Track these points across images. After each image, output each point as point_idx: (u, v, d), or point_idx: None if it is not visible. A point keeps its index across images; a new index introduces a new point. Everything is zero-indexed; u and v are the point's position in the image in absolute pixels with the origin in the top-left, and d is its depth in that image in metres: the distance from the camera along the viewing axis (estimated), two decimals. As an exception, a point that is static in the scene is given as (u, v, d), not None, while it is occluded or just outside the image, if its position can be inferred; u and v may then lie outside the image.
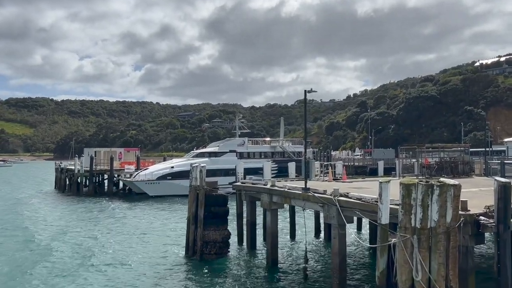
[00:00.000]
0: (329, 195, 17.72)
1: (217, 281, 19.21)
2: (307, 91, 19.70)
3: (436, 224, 11.60)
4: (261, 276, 19.98)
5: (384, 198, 12.64)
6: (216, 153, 57.81)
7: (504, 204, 12.66)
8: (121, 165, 60.41)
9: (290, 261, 22.22)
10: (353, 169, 69.82)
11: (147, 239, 28.21)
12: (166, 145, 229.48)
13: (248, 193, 23.88)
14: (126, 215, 39.47)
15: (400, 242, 11.85)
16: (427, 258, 11.65)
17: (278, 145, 65.33)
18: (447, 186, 11.61)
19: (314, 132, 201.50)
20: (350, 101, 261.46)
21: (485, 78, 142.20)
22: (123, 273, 20.59)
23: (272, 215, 21.56)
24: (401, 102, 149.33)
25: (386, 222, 12.69)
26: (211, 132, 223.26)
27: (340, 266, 17.20)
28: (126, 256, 23.81)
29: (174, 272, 20.61)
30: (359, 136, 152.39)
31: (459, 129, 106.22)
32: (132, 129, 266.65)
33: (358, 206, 16.07)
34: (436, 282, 11.47)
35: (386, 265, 12.47)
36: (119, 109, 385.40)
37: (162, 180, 52.28)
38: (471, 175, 31.26)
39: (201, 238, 22.49)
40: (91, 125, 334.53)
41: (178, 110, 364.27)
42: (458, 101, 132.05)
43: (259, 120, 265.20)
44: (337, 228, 17.20)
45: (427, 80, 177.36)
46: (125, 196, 54.62)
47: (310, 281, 18.79)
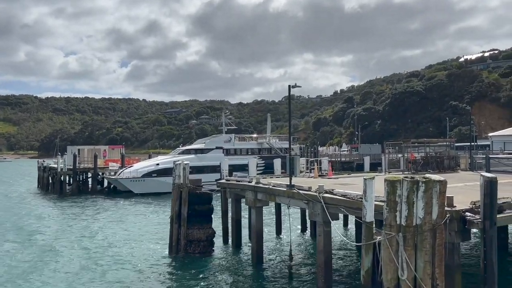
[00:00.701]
0: (313, 192, 17.41)
1: (200, 280, 18.79)
2: (291, 86, 19.32)
3: (421, 221, 11.32)
4: (246, 274, 19.61)
5: (369, 195, 12.34)
6: (202, 150, 57.25)
7: (490, 200, 12.44)
8: (105, 163, 59.50)
9: (276, 259, 21.89)
10: (340, 165, 69.99)
11: (130, 238, 27.67)
12: (153, 142, 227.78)
13: (232, 191, 23.47)
14: (109, 214, 38.80)
15: (385, 240, 11.55)
16: (412, 256, 11.37)
17: (265, 142, 64.97)
18: (433, 182, 11.33)
19: (301, 128, 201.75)
20: (337, 97, 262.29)
21: (470, 73, 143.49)
22: (105, 273, 20.07)
23: (257, 213, 21.18)
24: (387, 97, 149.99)
25: (371, 219, 12.39)
26: (199, 129, 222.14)
27: (325, 264, 16.91)
28: (107, 255, 23.29)
29: (157, 272, 20.12)
30: (346, 132, 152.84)
31: (444, 124, 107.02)
32: (118, 126, 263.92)
33: (343, 203, 15.78)
34: (422, 281, 11.20)
35: (371, 264, 12.19)
36: (105, 106, 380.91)
37: (147, 178, 51.62)
38: (456, 170, 31.25)
39: (185, 237, 22.06)
40: (77, 122, 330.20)
41: (165, 107, 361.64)
42: (443, 96, 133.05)
43: (246, 117, 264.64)
44: (322, 225, 16.90)
45: (413, 76, 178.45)
46: (110, 194, 53.77)
47: (295, 279, 18.48)
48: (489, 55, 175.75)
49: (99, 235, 28.97)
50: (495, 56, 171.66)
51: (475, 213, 13.10)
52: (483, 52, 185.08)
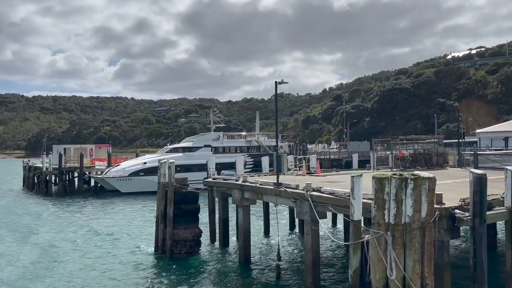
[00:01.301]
0: (301, 190, 17.09)
1: (186, 281, 18.38)
2: (277, 82, 18.96)
3: (410, 219, 11.03)
4: (233, 275, 19.23)
5: (356, 193, 12.03)
6: (190, 148, 56.71)
7: (480, 197, 12.20)
8: (91, 162, 58.66)
9: (264, 258, 21.53)
10: (329, 162, 69.92)
11: (116, 238, 27.14)
12: (141, 141, 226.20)
13: (219, 189, 23.06)
14: (94, 213, 38.17)
15: (373, 239, 11.25)
16: (401, 255, 11.08)
17: (254, 139, 64.62)
18: (422, 179, 11.04)
19: (290, 126, 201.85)
20: (326, 94, 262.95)
21: (457, 70, 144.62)
22: (89, 274, 19.55)
23: (244, 212, 20.82)
24: (376, 95, 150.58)
25: (358, 218, 12.08)
26: (188, 127, 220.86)
27: (313, 263, 16.62)
28: (92, 256, 22.77)
29: (142, 273, 19.65)
30: (335, 129, 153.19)
31: (432, 121, 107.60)
32: (106, 125, 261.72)
33: (331, 201, 15.47)
34: (411, 281, 10.92)
35: (359, 264, 11.87)
36: (93, 104, 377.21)
37: (134, 177, 50.95)
38: (445, 167, 31.19)
39: (171, 237, 21.58)
40: (64, 121, 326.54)
41: (153, 105, 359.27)
42: (431, 93, 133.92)
43: (236, 115, 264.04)
44: (309, 224, 16.60)
45: (401, 73, 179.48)
46: (97, 194, 53.02)
47: (283, 279, 18.15)
48: (476, 53, 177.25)
49: (83, 235, 28.39)
50: (482, 54, 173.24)
51: (465, 210, 12.87)
52: (470, 50, 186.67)
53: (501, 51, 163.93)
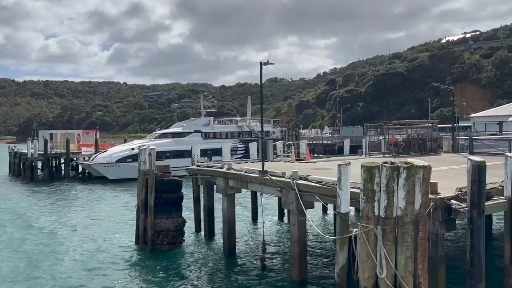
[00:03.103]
0: (287, 179, 16.04)
1: (166, 274, 17.39)
2: (262, 63, 17.75)
3: (403, 212, 9.99)
4: (216, 266, 18.27)
5: (344, 183, 10.96)
6: (180, 133, 55.47)
7: (478, 187, 11.17)
8: (79, 148, 57.25)
9: (250, 249, 20.56)
10: (321, 148, 68.98)
11: (97, 228, 26.04)
12: (134, 126, 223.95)
13: (204, 177, 21.95)
14: (78, 201, 37.03)
15: (361, 233, 10.22)
16: (392, 251, 10.07)
17: (245, 125, 63.38)
18: (416, 168, 9.98)
19: (284, 111, 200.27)
20: (320, 79, 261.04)
21: (452, 54, 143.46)
22: (64, 267, 18.48)
23: (228, 201, 19.76)
24: (370, 79, 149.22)
25: (346, 210, 11.02)
26: (180, 112, 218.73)
27: (300, 256, 15.70)
28: (71, 246, 21.70)
29: (121, 265, 18.61)
30: (329, 114, 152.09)
31: (426, 105, 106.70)
32: (98, 110, 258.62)
33: (318, 191, 14.44)
34: (403, 279, 9.93)
35: (346, 260, 10.86)
36: (85, 89, 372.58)
37: (122, 163, 49.65)
38: (439, 152, 30.28)
39: (152, 227, 20.52)
40: (56, 106, 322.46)
41: (146, 90, 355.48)
42: (426, 77, 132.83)
43: (229, 100, 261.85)
44: (296, 214, 15.60)
45: (395, 57, 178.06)
46: (84, 180, 51.82)
47: (268, 271, 17.19)
48: (470, 37, 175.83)
49: (64, 224, 27.28)
50: (477, 38, 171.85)
51: (461, 200, 11.86)
52: (465, 34, 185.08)
53: (496, 35, 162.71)
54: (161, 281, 16.59)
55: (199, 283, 16.29)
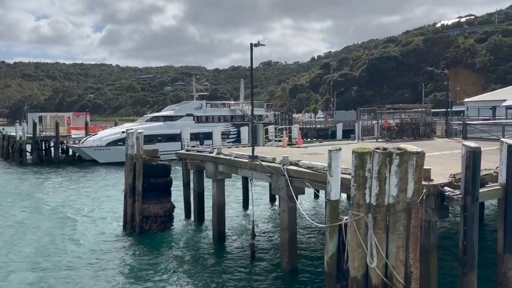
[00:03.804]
0: (277, 164, 15.63)
1: (154, 259, 17.07)
2: (253, 44, 17.17)
3: (395, 200, 9.64)
4: (205, 253, 17.95)
5: (334, 169, 10.55)
6: (171, 117, 54.80)
7: (472, 173, 10.83)
8: (68, 131, 56.43)
9: (240, 236, 20.24)
10: (314, 132, 68.62)
11: (84, 213, 25.55)
12: (126, 109, 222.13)
13: (193, 162, 21.49)
14: (66, 185, 36.48)
15: (352, 222, 9.86)
16: (383, 240, 9.74)
17: (238, 108, 62.77)
18: (409, 154, 9.59)
19: (277, 95, 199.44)
20: (314, 63, 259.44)
21: (446, 38, 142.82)
22: (50, 254, 18.06)
23: (218, 186, 19.35)
24: (364, 63, 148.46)
25: (336, 198, 10.65)
26: (174, 96, 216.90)
27: (290, 243, 15.39)
28: (57, 233, 21.24)
29: (108, 252, 18.20)
30: (322, 98, 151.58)
31: (420, 90, 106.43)
32: (90, 92, 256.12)
33: (308, 176, 14.07)
34: (394, 269, 9.62)
35: (336, 249, 10.53)
36: (77, 72, 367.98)
37: (113, 146, 48.99)
38: (432, 137, 30.00)
39: (140, 213, 20.14)
40: (47, 88, 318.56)
41: (139, 73, 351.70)
42: (420, 61, 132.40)
43: (223, 83, 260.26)
44: (286, 200, 15.25)
45: (389, 41, 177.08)
46: (74, 164, 51.17)
47: (257, 258, 16.89)
48: (465, 21, 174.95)
49: (50, 209, 26.79)
50: (471, 22, 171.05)
51: (455, 187, 11.53)
52: (460, 18, 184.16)
53: (491, 20, 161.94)
54: (148, 267, 16.25)
55: (187, 270, 15.99)
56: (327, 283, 10.79)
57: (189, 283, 14.81)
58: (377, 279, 9.68)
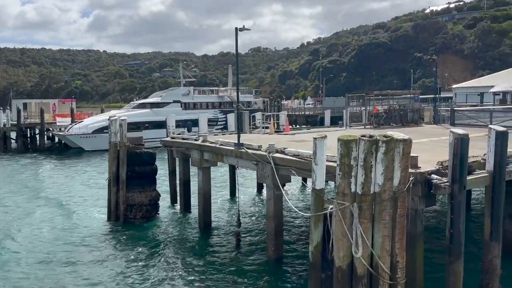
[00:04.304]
0: (263, 152, 15.34)
1: (139, 248, 16.79)
2: (238, 29, 16.73)
3: (381, 188, 9.40)
4: (190, 241, 17.71)
5: (319, 157, 10.29)
6: (158, 103, 54.09)
7: (460, 161, 10.65)
8: (53, 118, 55.48)
9: (226, 224, 20.01)
10: (303, 119, 68.39)
11: (68, 202, 25.07)
12: (114, 96, 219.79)
13: (179, 150, 21.11)
14: (51, 173, 35.86)
15: (337, 211, 9.63)
16: (369, 230, 9.52)
17: (226, 95, 62.18)
18: (395, 141, 9.33)
19: (267, 81, 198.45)
20: (303, 49, 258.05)
21: (435, 24, 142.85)
22: (35, 243, 17.67)
23: (204, 174, 19.04)
24: (353, 49, 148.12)
25: (321, 186, 10.40)
26: (162, 82, 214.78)
27: (276, 231, 15.21)
28: (40, 223, 20.79)
29: (92, 241, 17.88)
30: (312, 85, 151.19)
31: (408, 76, 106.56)
32: (77, 79, 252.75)
33: (294, 164, 13.82)
34: (380, 259, 9.43)
35: (321, 238, 10.32)
36: (63, 58, 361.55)
37: (99, 134, 48.20)
38: (420, 124, 29.93)
39: (124, 202, 19.78)
40: (33, 75, 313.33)
41: (126, 59, 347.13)
42: (409, 47, 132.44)
43: (212, 69, 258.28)
44: (272, 189, 15.01)
45: (379, 27, 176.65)
46: (59, 152, 50.43)
47: (243, 247, 16.69)
48: (454, 7, 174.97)
49: (33, 199, 26.25)
50: (460, 8, 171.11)
51: (442, 175, 11.36)
52: (449, 3, 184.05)
53: (480, 6, 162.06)
54: (131, 258, 15.97)
55: (172, 259, 15.73)
56: (312, 273, 10.60)
57: (174, 272, 14.55)
58: (362, 269, 9.49)
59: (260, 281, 13.77)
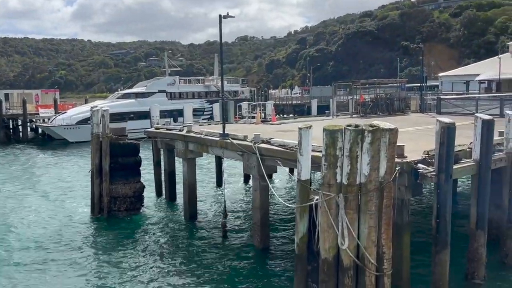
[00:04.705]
0: (249, 142, 15.10)
1: (123, 241, 16.54)
2: (222, 16, 16.34)
3: (366, 179, 9.23)
4: (176, 233, 17.48)
5: (304, 148, 10.07)
6: (143, 93, 53.34)
7: (446, 150, 10.55)
8: (36, 109, 54.42)
9: (212, 215, 19.80)
10: (291, 108, 68.14)
11: (51, 195, 24.59)
12: (99, 86, 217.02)
13: (163, 140, 20.76)
14: (33, 165, 35.24)
15: (322, 202, 9.44)
16: (355, 221, 9.37)
17: (213, 84, 61.57)
18: (381, 131, 9.15)
19: (254, 70, 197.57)
20: (291, 38, 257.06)
21: (421, 13, 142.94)
22: (16, 239, 17.25)
23: (189, 165, 18.76)
24: (340, 38, 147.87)
25: (306, 177, 10.19)
26: (148, 72, 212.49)
27: (261, 222, 15.08)
28: (21, 217, 20.32)
29: (75, 235, 17.51)
30: (299, 74, 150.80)
31: (395, 64, 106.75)
32: (62, 69, 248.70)
33: (280, 155, 13.61)
34: (366, 250, 9.29)
35: (307, 230, 10.14)
36: (47, 47, 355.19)
37: (83, 125, 47.38)
38: (406, 112, 29.93)
39: (107, 194, 19.40)
40: (16, 65, 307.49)
41: (112, 48, 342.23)
42: (395, 36, 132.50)
43: (198, 58, 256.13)
44: (258, 179, 14.81)
45: (366, 16, 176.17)
46: (43, 143, 49.56)
47: (230, 238, 16.50)
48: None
49: (15, 191, 25.71)
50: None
51: (429, 164, 11.26)
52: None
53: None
54: (116, 250, 15.68)
55: (157, 251, 15.49)
56: (297, 265, 10.44)
57: (160, 264, 14.32)
58: (348, 260, 9.35)
59: (246, 271, 13.63)
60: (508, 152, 13.03)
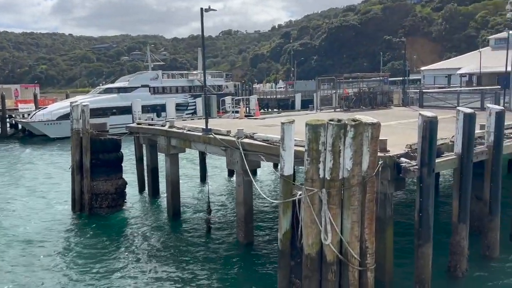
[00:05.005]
0: (232, 137, 14.95)
1: (105, 239, 16.23)
2: (203, 9, 16.10)
3: (349, 174, 9.18)
4: (159, 229, 17.25)
5: (287, 143, 9.97)
6: (126, 88, 52.59)
7: (429, 144, 10.55)
8: (16, 104, 53.27)
9: (196, 211, 19.60)
10: (275, 103, 68.10)
11: (31, 193, 24.05)
12: (81, 81, 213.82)
13: (145, 136, 20.46)
14: (12, 162, 34.47)
15: (305, 197, 9.37)
16: (338, 216, 9.32)
17: (196, 79, 61.07)
18: (364, 125, 9.10)
19: (238, 64, 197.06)
20: (275, 32, 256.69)
21: (404, 7, 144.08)
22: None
23: (171, 161, 18.51)
24: (323, 32, 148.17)
25: (289, 173, 10.10)
26: (131, 66, 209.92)
27: (245, 217, 14.96)
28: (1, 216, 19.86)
29: (56, 234, 17.16)
30: (283, 68, 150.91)
31: (378, 59, 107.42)
32: (42, 63, 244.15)
33: (263, 150, 13.49)
34: (349, 245, 9.26)
35: (290, 225, 10.06)
36: (27, 41, 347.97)
37: (64, 120, 46.52)
38: (389, 106, 30.07)
39: (89, 191, 19.05)
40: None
41: (93, 42, 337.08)
42: (378, 30, 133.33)
43: (182, 53, 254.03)
44: (241, 174, 14.68)
45: (349, 10, 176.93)
46: (24, 140, 48.57)
47: (213, 233, 16.37)
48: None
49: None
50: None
51: (411, 158, 11.27)
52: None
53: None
54: (97, 249, 15.40)
55: (140, 248, 15.27)
56: (281, 261, 10.37)
57: (143, 262, 14.11)
58: (331, 256, 9.32)
59: (230, 267, 13.53)
60: (489, 145, 13.12)
